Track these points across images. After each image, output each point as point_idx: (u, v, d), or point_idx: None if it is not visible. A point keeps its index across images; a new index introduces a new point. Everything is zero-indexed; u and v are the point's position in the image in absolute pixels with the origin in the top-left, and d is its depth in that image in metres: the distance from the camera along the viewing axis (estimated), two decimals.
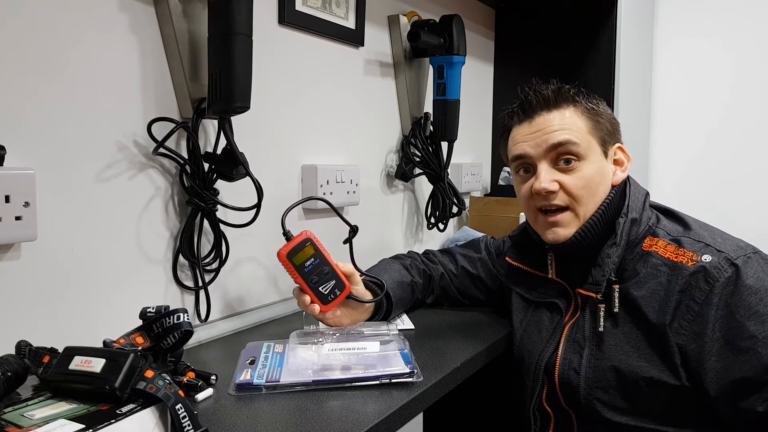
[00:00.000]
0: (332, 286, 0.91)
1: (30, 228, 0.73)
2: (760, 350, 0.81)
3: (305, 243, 0.90)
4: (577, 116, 0.95)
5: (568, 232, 0.94)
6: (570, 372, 0.93)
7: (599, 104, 0.99)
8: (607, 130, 0.97)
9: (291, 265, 0.89)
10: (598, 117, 0.96)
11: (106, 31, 0.83)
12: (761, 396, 0.80)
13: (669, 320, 0.86)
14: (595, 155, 0.94)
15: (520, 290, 1.07)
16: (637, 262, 0.91)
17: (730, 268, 0.84)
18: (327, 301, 0.91)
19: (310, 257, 0.90)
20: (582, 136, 0.94)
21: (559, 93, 0.96)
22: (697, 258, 0.87)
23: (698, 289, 0.85)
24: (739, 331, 0.82)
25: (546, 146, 0.94)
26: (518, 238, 1.11)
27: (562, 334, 0.97)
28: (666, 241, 0.91)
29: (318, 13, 1.18)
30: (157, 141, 0.87)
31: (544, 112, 0.95)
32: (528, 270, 1.05)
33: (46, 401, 0.62)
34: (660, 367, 0.87)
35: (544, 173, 0.93)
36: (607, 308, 0.91)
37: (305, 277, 0.90)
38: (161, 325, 0.73)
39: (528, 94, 0.98)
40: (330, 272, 0.92)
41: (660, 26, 2.03)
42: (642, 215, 0.94)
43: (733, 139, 1.95)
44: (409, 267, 1.13)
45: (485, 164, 1.92)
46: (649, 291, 0.89)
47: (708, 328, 0.84)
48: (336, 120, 1.27)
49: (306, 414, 0.70)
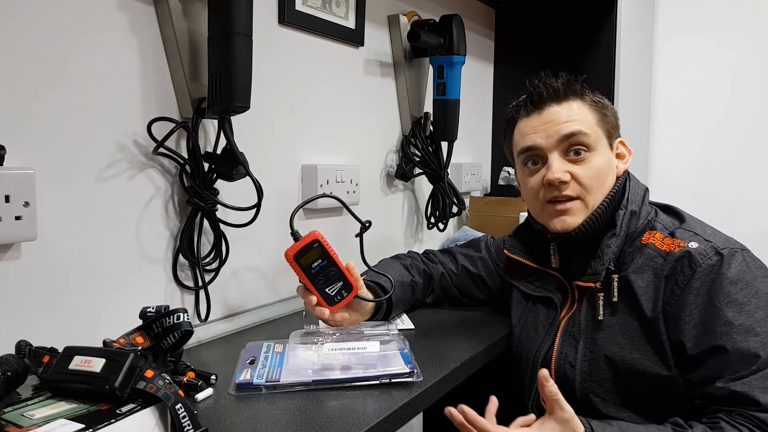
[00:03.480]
0: (339, 288, 0.91)
1: (30, 228, 0.73)
2: (735, 336, 0.82)
3: (313, 244, 0.89)
4: (585, 109, 0.96)
5: (576, 221, 0.95)
6: (566, 366, 0.94)
7: (603, 99, 1.00)
8: (612, 124, 0.99)
9: (298, 266, 0.89)
10: (604, 110, 0.98)
11: (106, 31, 0.83)
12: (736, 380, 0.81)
13: (660, 307, 0.88)
14: (603, 147, 0.96)
15: (517, 283, 1.07)
16: (635, 254, 0.93)
17: (715, 256, 0.86)
18: (333, 303, 0.91)
19: (317, 258, 0.90)
20: (591, 128, 0.95)
21: (568, 86, 0.97)
22: (684, 244, 0.89)
23: (682, 274, 0.87)
24: (716, 316, 0.84)
25: (558, 137, 0.94)
26: (519, 231, 1.11)
27: (559, 328, 0.98)
28: (663, 234, 0.93)
29: (318, 12, 1.18)
30: (157, 141, 0.87)
31: (554, 104, 0.96)
32: (526, 263, 1.06)
33: (46, 401, 0.62)
34: (653, 359, 0.88)
35: (556, 163, 0.94)
36: (606, 297, 0.93)
37: (312, 279, 0.90)
38: (161, 324, 0.73)
39: (537, 86, 0.98)
40: (337, 273, 0.91)
41: (660, 25, 2.03)
42: (641, 209, 0.95)
43: (733, 137, 1.95)
44: (409, 267, 1.13)
45: (485, 164, 1.92)
46: (645, 281, 0.90)
47: (686, 311, 0.85)
48: (336, 120, 1.27)
49: (306, 414, 0.70)
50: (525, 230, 1.09)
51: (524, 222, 1.11)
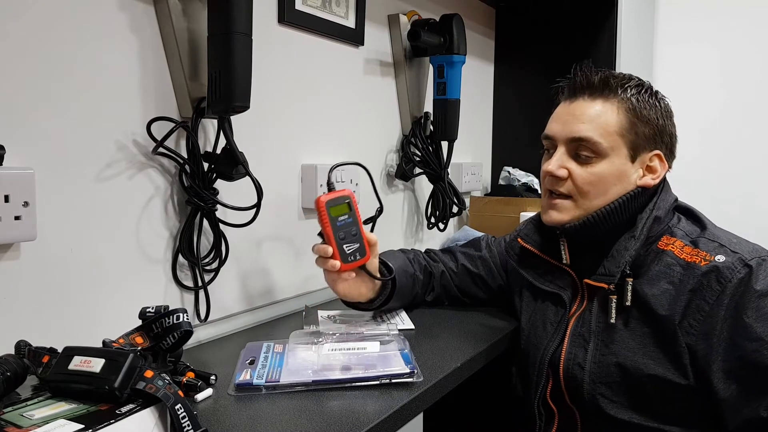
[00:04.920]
0: (355, 249, 0.92)
1: (29, 228, 0.73)
2: (766, 353, 0.80)
3: (345, 199, 0.92)
4: (614, 112, 0.92)
5: (561, 218, 0.95)
6: (575, 367, 0.93)
7: (654, 106, 0.94)
8: (645, 136, 0.93)
9: (327, 213, 0.90)
10: (640, 119, 0.93)
11: (105, 30, 0.83)
12: (765, 401, 0.80)
13: (679, 319, 0.86)
14: (618, 157, 0.92)
15: (528, 274, 1.06)
16: (652, 259, 0.91)
17: (743, 269, 0.84)
18: (347, 261, 0.92)
19: (345, 213, 0.92)
20: (607, 135, 0.92)
21: (606, 82, 0.94)
22: (711, 258, 0.86)
23: (710, 290, 0.84)
24: (746, 331, 0.81)
25: (570, 135, 0.94)
26: (535, 219, 1.09)
27: (567, 327, 0.96)
28: (684, 242, 0.90)
29: (318, 12, 1.18)
30: (156, 140, 0.87)
31: (586, 96, 0.95)
32: (539, 255, 1.04)
33: (46, 401, 0.62)
34: (666, 366, 0.86)
35: (557, 157, 0.94)
36: (619, 300, 0.91)
37: (335, 230, 0.91)
38: (161, 325, 0.73)
39: (577, 73, 0.97)
40: (358, 235, 0.93)
41: (660, 25, 2.03)
42: (665, 216, 0.94)
43: (730, 142, 1.96)
44: (411, 260, 1.13)
45: (485, 164, 1.92)
46: (660, 290, 0.88)
47: (717, 328, 0.83)
48: (336, 119, 1.26)
49: (306, 414, 0.70)
50: (539, 221, 1.07)
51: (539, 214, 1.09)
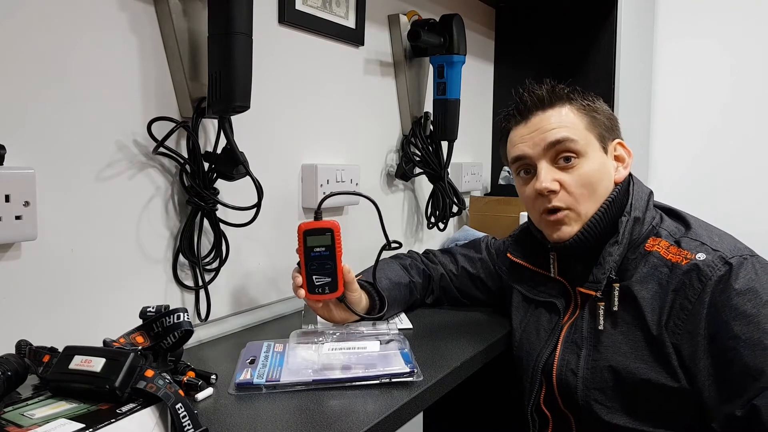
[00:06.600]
0: (325, 283, 0.92)
1: (30, 227, 0.73)
2: (742, 351, 0.80)
3: (326, 231, 0.91)
4: (573, 113, 0.95)
5: (572, 230, 0.94)
6: (568, 373, 0.93)
7: (595, 101, 0.99)
8: (605, 126, 0.97)
9: (302, 242, 0.91)
10: (594, 113, 0.96)
11: (106, 30, 0.83)
12: (741, 400, 0.79)
13: (665, 320, 0.86)
14: (595, 152, 0.94)
15: (521, 288, 1.06)
16: (639, 261, 0.91)
17: (723, 266, 0.84)
18: (314, 293, 0.92)
19: (322, 246, 0.91)
20: (579, 133, 0.93)
21: (553, 92, 0.96)
22: (692, 256, 0.86)
23: (692, 288, 0.84)
24: (724, 330, 0.81)
25: (544, 145, 0.93)
26: (520, 236, 1.11)
27: (560, 334, 0.96)
28: (668, 242, 0.90)
29: (318, 12, 1.18)
30: (157, 140, 0.87)
31: (540, 111, 0.96)
32: (530, 267, 1.05)
33: (46, 401, 0.62)
34: (657, 370, 0.86)
35: (544, 173, 0.93)
36: (607, 306, 0.91)
37: (307, 260, 0.91)
38: (161, 324, 0.73)
39: (522, 95, 0.98)
40: (332, 270, 0.92)
41: (660, 24, 2.02)
42: (645, 214, 0.94)
43: (733, 138, 1.94)
44: (408, 267, 1.13)
45: (485, 164, 1.92)
46: (650, 292, 0.88)
47: (700, 326, 0.83)
48: (336, 119, 1.27)
49: (306, 413, 0.70)
50: (525, 234, 1.08)
51: (524, 227, 1.10)
